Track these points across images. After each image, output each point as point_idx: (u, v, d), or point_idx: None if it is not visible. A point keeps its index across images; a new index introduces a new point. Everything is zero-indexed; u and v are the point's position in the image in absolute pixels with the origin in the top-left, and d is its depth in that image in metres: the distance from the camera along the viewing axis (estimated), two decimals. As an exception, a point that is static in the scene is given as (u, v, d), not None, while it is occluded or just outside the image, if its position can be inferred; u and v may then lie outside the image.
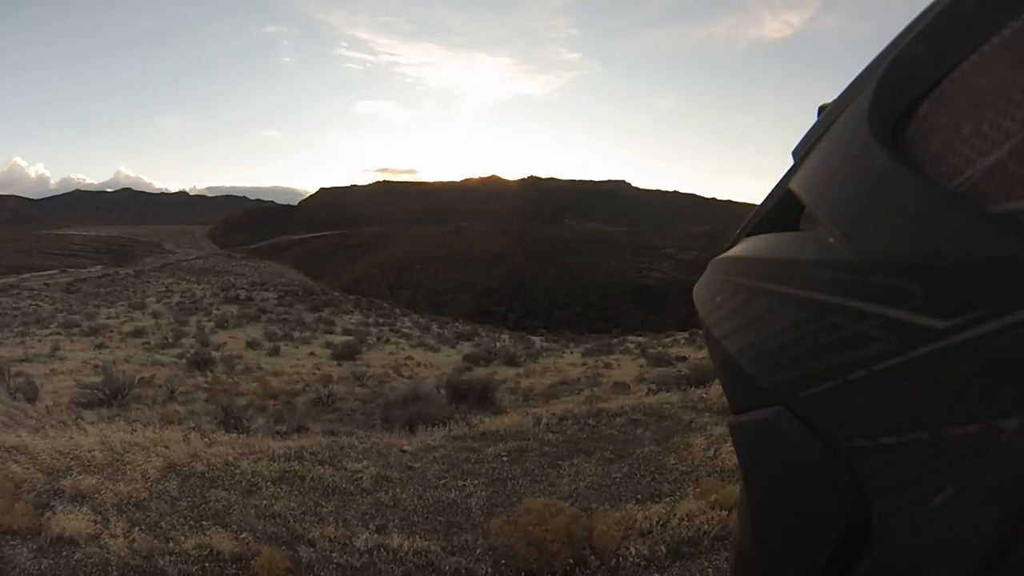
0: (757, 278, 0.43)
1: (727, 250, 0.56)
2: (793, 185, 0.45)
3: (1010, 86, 0.27)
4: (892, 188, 0.30)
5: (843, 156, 0.38)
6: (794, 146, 0.49)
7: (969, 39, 0.30)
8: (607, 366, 22.74)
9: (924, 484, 0.26)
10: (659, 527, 4.94)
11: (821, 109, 0.49)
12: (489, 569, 4.50)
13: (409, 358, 27.04)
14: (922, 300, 0.26)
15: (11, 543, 4.74)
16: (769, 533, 0.43)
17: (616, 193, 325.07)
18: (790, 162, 0.49)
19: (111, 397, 13.42)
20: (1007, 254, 0.23)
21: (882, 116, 0.34)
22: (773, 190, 0.51)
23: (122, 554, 4.56)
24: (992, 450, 0.23)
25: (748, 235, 0.54)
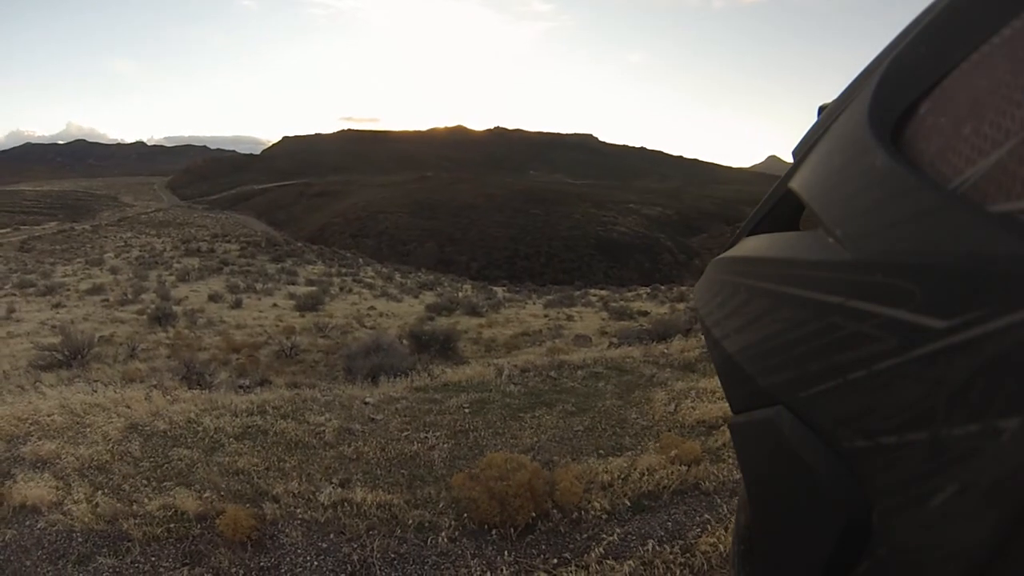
0: (757, 278, 0.44)
1: (727, 250, 0.57)
2: (793, 185, 0.46)
3: (1010, 86, 0.27)
4: (892, 188, 0.31)
5: (843, 156, 0.38)
6: (771, 116, 0.47)
7: (969, 39, 0.30)
8: (569, 318, 22.87)
9: (924, 484, 0.26)
10: (620, 481, 5.04)
11: (821, 109, 0.50)
12: (452, 522, 4.55)
13: (372, 308, 26.88)
14: (922, 300, 0.26)
15: (-28, 517, 4.67)
16: (769, 532, 0.45)
17: (583, 146, 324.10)
18: (759, 124, 0.47)
19: (70, 358, 13.13)
20: (1007, 254, 0.24)
21: (882, 116, 0.35)
22: (773, 190, 0.52)
23: (86, 519, 4.53)
24: (992, 450, 0.23)
25: (748, 235, 0.55)
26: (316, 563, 4.18)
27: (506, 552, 4.22)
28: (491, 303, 28.68)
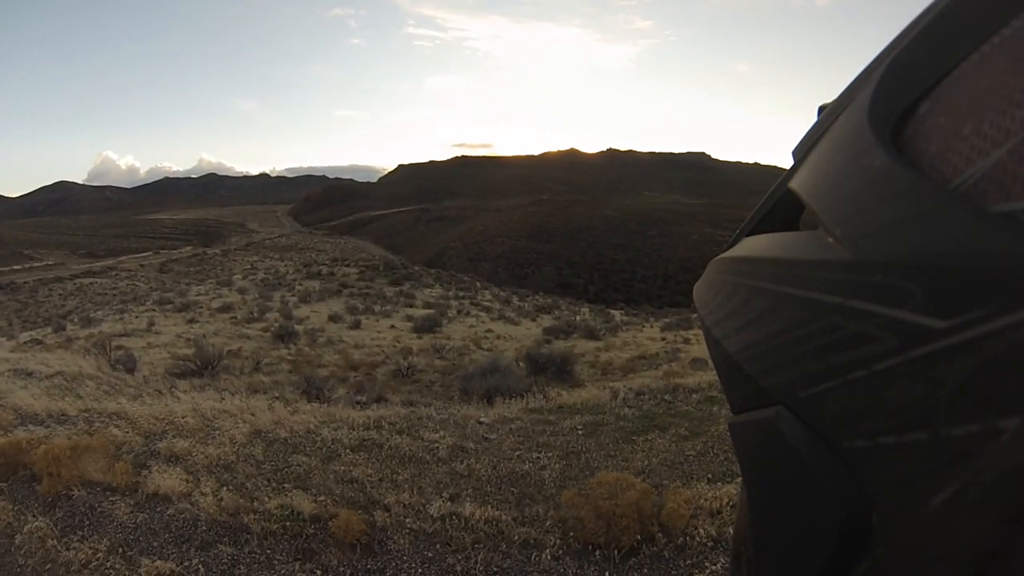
0: (757, 278, 0.43)
1: (727, 250, 0.56)
2: (793, 185, 0.45)
3: (1010, 86, 0.27)
4: (892, 188, 0.30)
5: (843, 156, 0.38)
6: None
7: (969, 39, 0.30)
8: (686, 341, 22.31)
9: (924, 484, 0.26)
10: (729, 508, 4.85)
11: (821, 109, 0.50)
12: (557, 540, 4.52)
13: (489, 331, 27.24)
14: (922, 300, 0.26)
15: (111, 499, 5.11)
16: (769, 533, 0.44)
17: (696, 165, 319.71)
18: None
19: (202, 368, 14.10)
20: (1007, 254, 0.23)
21: (882, 116, 0.35)
22: (773, 190, 0.52)
23: (211, 511, 4.85)
24: (992, 450, 0.23)
25: (748, 235, 0.55)
26: (421, 570, 4.27)
27: (608, 573, 4.16)
28: (608, 326, 28.49)
